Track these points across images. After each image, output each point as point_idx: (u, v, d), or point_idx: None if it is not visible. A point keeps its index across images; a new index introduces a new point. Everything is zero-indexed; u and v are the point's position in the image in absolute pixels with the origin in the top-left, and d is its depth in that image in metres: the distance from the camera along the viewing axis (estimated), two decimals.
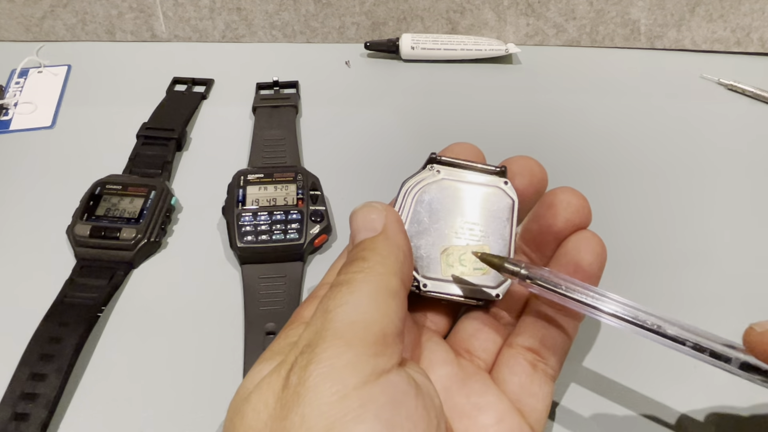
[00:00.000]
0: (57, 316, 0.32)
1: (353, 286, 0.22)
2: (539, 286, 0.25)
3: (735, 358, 0.22)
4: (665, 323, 0.23)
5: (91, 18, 0.53)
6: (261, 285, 0.35)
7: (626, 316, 0.24)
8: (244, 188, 0.38)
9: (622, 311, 0.24)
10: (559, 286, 0.25)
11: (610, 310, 0.24)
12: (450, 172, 0.28)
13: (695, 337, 0.23)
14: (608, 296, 0.24)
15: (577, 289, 0.25)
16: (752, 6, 0.51)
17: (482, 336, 0.27)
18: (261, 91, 0.49)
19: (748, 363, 0.22)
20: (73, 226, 0.36)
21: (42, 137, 0.45)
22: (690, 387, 0.31)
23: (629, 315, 0.24)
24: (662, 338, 0.23)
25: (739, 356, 0.22)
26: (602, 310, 0.24)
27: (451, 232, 0.27)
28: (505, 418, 0.24)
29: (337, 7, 0.53)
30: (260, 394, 0.19)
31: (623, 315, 0.24)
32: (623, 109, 0.48)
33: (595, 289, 0.25)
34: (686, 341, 0.23)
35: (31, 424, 0.28)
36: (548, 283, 0.25)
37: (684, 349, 0.23)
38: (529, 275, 0.25)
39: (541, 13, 0.53)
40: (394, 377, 0.20)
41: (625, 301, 0.24)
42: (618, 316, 0.24)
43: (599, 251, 0.27)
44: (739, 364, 0.22)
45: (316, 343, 0.20)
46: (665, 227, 0.39)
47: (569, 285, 0.25)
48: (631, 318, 0.24)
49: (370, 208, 0.25)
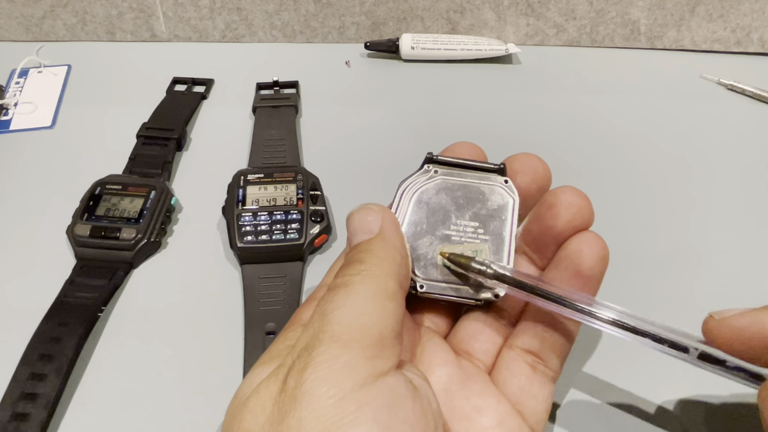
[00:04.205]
0: (57, 316, 0.32)
1: (350, 288, 0.22)
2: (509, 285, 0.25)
3: (693, 349, 0.23)
4: (623, 315, 0.24)
5: (91, 18, 0.53)
6: (261, 285, 0.35)
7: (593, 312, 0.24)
8: (244, 188, 0.38)
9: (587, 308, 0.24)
10: (525, 285, 0.25)
11: (579, 307, 0.24)
12: (447, 171, 0.28)
13: (654, 329, 0.23)
14: (575, 294, 0.25)
15: (544, 287, 0.25)
16: (752, 6, 0.51)
17: (482, 337, 0.27)
18: (261, 91, 0.49)
19: (705, 353, 0.23)
20: (73, 226, 0.36)
21: (42, 137, 0.45)
22: (691, 387, 0.31)
23: (595, 311, 0.24)
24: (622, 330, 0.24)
25: (698, 346, 0.23)
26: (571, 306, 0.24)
27: (449, 232, 0.27)
28: (505, 420, 0.24)
29: (337, 7, 0.53)
30: (258, 397, 0.19)
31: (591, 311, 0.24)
32: (623, 109, 0.48)
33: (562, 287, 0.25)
34: (646, 332, 0.23)
35: (31, 424, 0.28)
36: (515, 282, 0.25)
37: (643, 340, 0.23)
38: (497, 274, 0.25)
39: (541, 13, 0.53)
40: (391, 380, 0.20)
41: (590, 298, 0.25)
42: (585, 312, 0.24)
43: (602, 254, 0.26)
44: (698, 354, 0.23)
45: (313, 347, 0.20)
46: (665, 227, 0.39)
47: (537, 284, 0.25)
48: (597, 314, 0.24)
49: (367, 210, 0.25)
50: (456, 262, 0.26)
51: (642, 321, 0.24)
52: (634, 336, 0.24)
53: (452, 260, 0.26)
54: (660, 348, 0.23)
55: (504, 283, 0.25)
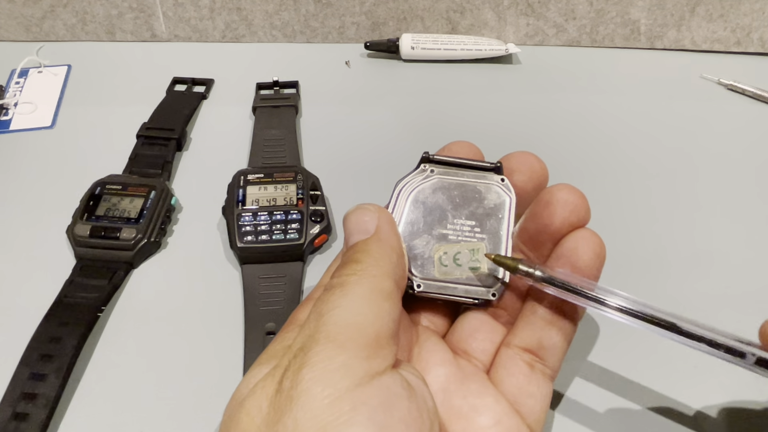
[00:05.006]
0: (57, 316, 0.32)
1: (346, 288, 0.22)
2: (556, 287, 0.25)
3: (750, 354, 0.22)
4: (680, 321, 0.23)
5: (91, 18, 0.53)
6: (261, 285, 0.35)
7: (644, 315, 0.24)
8: (244, 188, 0.38)
9: (638, 310, 0.24)
10: (575, 287, 0.25)
11: (628, 310, 0.24)
12: (444, 170, 0.28)
13: (710, 334, 0.23)
14: (623, 296, 0.24)
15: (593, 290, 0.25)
16: (752, 6, 0.51)
17: (480, 336, 0.27)
18: (261, 91, 0.49)
19: (763, 358, 0.22)
20: (73, 226, 0.37)
21: (42, 137, 0.45)
22: (690, 385, 0.31)
23: (647, 314, 0.24)
24: (678, 335, 0.23)
25: (755, 352, 0.22)
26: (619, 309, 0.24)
27: (446, 231, 0.27)
28: (503, 420, 0.24)
29: (337, 7, 0.53)
30: (254, 398, 0.20)
31: (640, 314, 0.24)
32: (623, 109, 0.48)
33: (608, 288, 0.25)
34: (702, 338, 0.23)
35: (31, 424, 0.28)
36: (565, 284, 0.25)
37: (699, 345, 0.23)
38: (544, 277, 0.25)
39: (541, 13, 0.53)
40: (387, 379, 0.20)
41: (640, 300, 0.24)
42: (636, 315, 0.24)
43: (598, 251, 0.26)
44: (755, 360, 0.22)
45: (309, 347, 0.20)
46: (665, 227, 0.39)
47: (585, 285, 0.25)
48: (649, 317, 0.24)
49: (363, 210, 0.25)
50: (502, 263, 0.26)
51: (696, 325, 0.23)
52: (688, 341, 0.23)
53: (498, 262, 0.26)
54: (715, 353, 0.23)
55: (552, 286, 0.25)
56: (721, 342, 0.23)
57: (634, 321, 0.24)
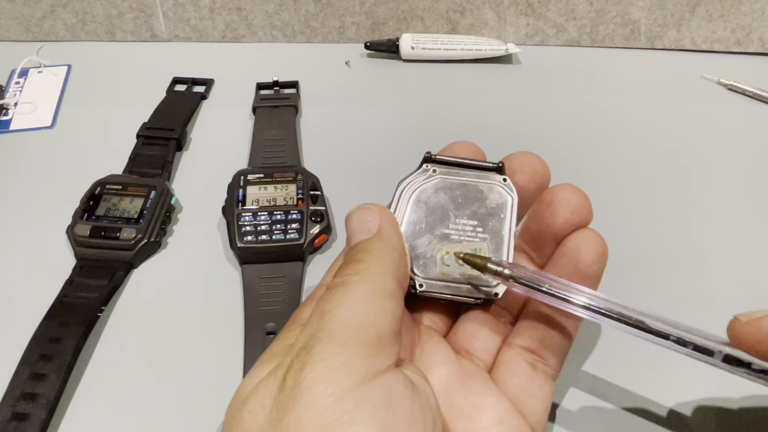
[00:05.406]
0: (57, 316, 0.32)
1: (349, 287, 0.22)
2: (523, 285, 0.25)
3: (718, 351, 0.22)
4: (647, 318, 0.23)
5: (91, 18, 0.53)
6: (261, 285, 0.35)
7: (611, 312, 0.24)
8: (244, 188, 0.38)
9: (605, 307, 0.24)
10: (542, 285, 0.25)
11: (594, 307, 0.24)
12: (446, 170, 0.28)
13: (677, 331, 0.23)
14: (591, 294, 0.24)
15: (560, 288, 0.24)
16: (752, 6, 0.51)
17: (482, 336, 0.27)
18: (261, 91, 0.49)
19: (731, 356, 0.22)
20: (73, 226, 0.36)
21: (42, 137, 0.45)
22: (690, 386, 0.31)
23: (613, 311, 0.24)
24: (645, 333, 0.23)
25: (723, 349, 0.22)
26: (586, 307, 0.24)
27: (448, 231, 0.27)
28: (505, 419, 0.24)
29: (337, 7, 0.53)
30: (257, 397, 0.20)
31: (606, 311, 0.24)
32: (623, 109, 0.48)
33: (578, 287, 0.25)
34: (669, 335, 0.23)
35: (31, 424, 0.28)
36: (532, 282, 0.25)
37: (667, 343, 0.23)
38: (513, 275, 0.25)
39: (541, 13, 0.53)
40: (389, 378, 0.20)
41: (609, 297, 0.24)
42: (602, 313, 0.24)
43: (600, 251, 0.26)
44: (723, 357, 0.22)
45: (312, 346, 0.20)
46: (664, 227, 0.39)
47: (553, 284, 0.25)
48: (615, 314, 0.24)
49: (365, 210, 0.25)
50: (471, 262, 0.26)
51: (664, 323, 0.23)
52: (656, 339, 0.23)
53: (467, 261, 0.26)
54: (683, 351, 0.23)
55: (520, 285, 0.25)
56: (689, 339, 0.23)
57: (602, 319, 0.24)
